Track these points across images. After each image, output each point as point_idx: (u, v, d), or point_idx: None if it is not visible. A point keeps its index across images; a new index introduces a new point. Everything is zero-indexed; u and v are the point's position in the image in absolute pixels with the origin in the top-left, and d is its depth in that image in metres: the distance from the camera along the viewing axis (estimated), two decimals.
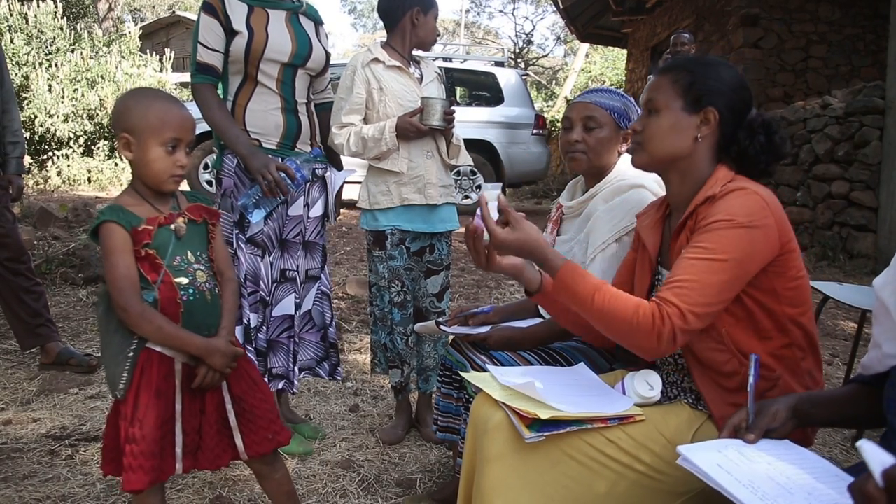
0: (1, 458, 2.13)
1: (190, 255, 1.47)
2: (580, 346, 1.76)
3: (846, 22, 8.16)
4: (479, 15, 31.03)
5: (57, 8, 10.65)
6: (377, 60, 2.33)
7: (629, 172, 1.70)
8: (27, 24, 10.20)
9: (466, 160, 2.45)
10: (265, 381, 2.07)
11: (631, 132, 1.45)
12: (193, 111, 1.68)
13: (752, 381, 1.14)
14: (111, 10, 16.28)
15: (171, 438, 1.44)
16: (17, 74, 9.50)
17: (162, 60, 11.93)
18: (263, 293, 2.19)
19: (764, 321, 1.28)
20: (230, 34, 2.10)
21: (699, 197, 1.33)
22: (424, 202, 2.34)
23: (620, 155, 1.78)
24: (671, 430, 1.29)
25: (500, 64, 8.98)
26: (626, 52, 13.68)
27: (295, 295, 2.27)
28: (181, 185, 1.49)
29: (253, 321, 2.15)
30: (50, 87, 9.71)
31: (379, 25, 31.86)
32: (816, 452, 1.14)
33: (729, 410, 1.28)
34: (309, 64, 2.23)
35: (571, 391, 1.37)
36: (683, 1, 10.01)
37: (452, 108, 2.29)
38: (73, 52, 10.43)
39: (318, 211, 2.32)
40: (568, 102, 1.87)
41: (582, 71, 21.36)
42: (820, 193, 5.91)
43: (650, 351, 1.24)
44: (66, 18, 10.98)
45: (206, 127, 2.19)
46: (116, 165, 10.10)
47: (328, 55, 2.31)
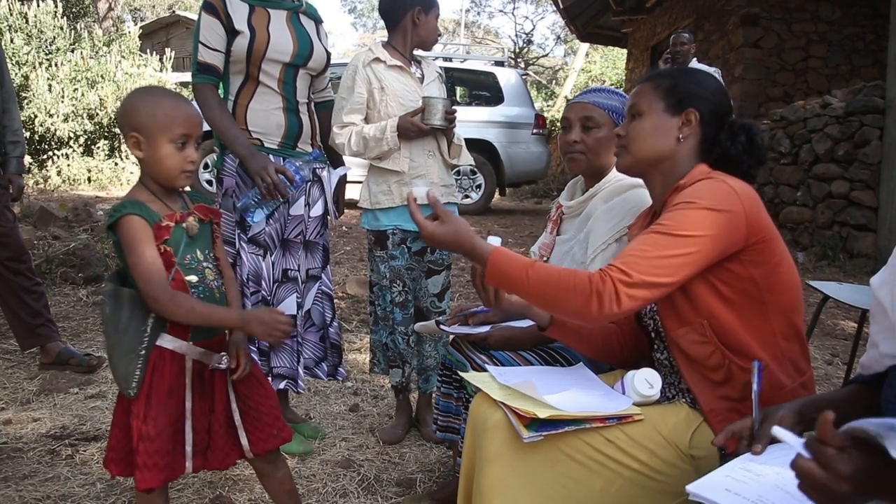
0: (1, 457, 2.13)
1: (199, 253, 1.48)
2: None
3: (846, 21, 8.17)
4: (479, 14, 31.10)
5: (57, 7, 10.65)
6: (378, 60, 2.33)
7: None
8: (27, 23, 10.20)
9: (468, 160, 2.45)
10: (268, 379, 2.08)
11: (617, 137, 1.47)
12: None
13: (755, 387, 1.13)
14: (111, 9, 16.28)
15: (181, 437, 1.44)
16: (17, 74, 9.51)
17: (162, 60, 11.93)
18: (265, 293, 2.19)
19: (745, 309, 1.28)
20: (231, 34, 2.10)
21: (671, 188, 1.34)
22: (426, 202, 2.33)
23: None
24: (669, 429, 1.30)
25: (500, 63, 8.98)
26: (626, 51, 13.68)
27: (297, 295, 2.27)
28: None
29: None
30: (50, 86, 9.71)
31: (379, 25, 31.90)
32: None
33: (719, 404, 1.28)
34: (310, 64, 2.23)
35: (570, 391, 1.37)
36: (683, 0, 10.02)
37: (454, 107, 2.29)
38: (73, 51, 10.44)
39: (318, 210, 2.32)
40: (567, 102, 1.87)
41: (582, 70, 21.37)
42: (820, 193, 5.91)
43: (593, 314, 1.20)
44: (65, 18, 10.98)
45: (206, 127, 2.18)
46: (116, 165, 10.10)
47: (329, 55, 2.31)
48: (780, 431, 0.86)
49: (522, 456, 1.27)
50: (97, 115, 9.96)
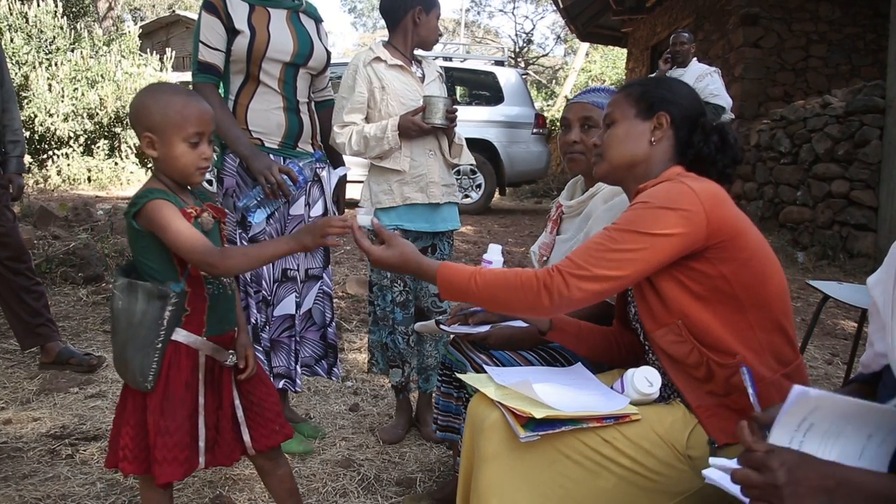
0: (1, 457, 2.13)
1: None
2: None
3: (846, 21, 8.16)
4: (479, 14, 31.10)
5: (57, 7, 10.65)
6: (379, 59, 2.33)
7: None
8: (27, 23, 10.19)
9: (469, 159, 2.45)
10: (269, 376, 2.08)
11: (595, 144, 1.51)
12: None
13: (751, 391, 1.15)
14: (111, 9, 16.28)
15: (195, 432, 1.45)
16: (17, 74, 9.50)
17: (162, 60, 11.92)
18: (265, 293, 2.19)
19: (719, 305, 1.28)
20: (232, 33, 2.10)
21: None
22: (427, 201, 2.34)
23: None
24: (666, 429, 1.29)
25: (500, 63, 8.98)
26: (626, 51, 13.68)
27: (295, 294, 2.27)
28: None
29: (258, 321, 2.15)
30: (50, 86, 9.71)
31: (379, 25, 31.89)
32: None
33: (706, 399, 1.29)
34: (310, 63, 2.23)
35: (567, 390, 1.37)
36: (683, 0, 10.02)
37: (455, 106, 2.29)
38: (72, 51, 10.43)
39: (318, 210, 2.32)
40: (567, 102, 1.88)
41: (582, 70, 21.37)
42: (820, 192, 5.91)
43: (545, 307, 1.25)
44: (65, 18, 10.97)
45: None
46: (116, 165, 10.10)
47: (329, 54, 2.31)
48: (715, 462, 0.94)
49: (520, 456, 1.27)
50: (97, 114, 9.95)
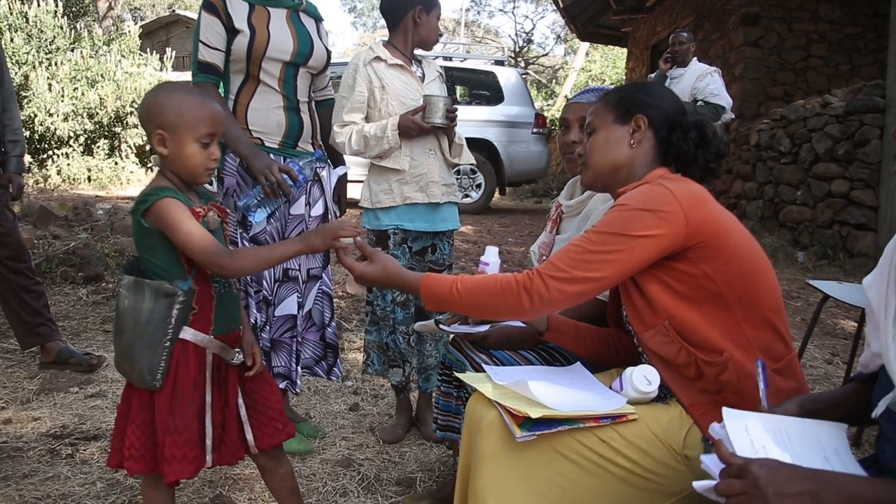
0: (1, 456, 2.13)
1: None
2: None
3: (846, 21, 8.16)
4: (479, 14, 31.09)
5: (57, 7, 10.64)
6: (379, 59, 2.33)
7: None
8: (27, 23, 10.18)
9: (469, 159, 2.45)
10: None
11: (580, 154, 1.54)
12: None
13: (762, 386, 1.15)
14: (111, 8, 16.27)
15: (202, 431, 1.45)
16: (16, 73, 9.49)
17: (162, 59, 11.91)
18: (266, 292, 2.19)
19: (704, 304, 1.29)
20: (232, 33, 2.10)
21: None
22: (427, 201, 2.34)
23: None
24: (663, 429, 1.29)
25: (500, 63, 8.98)
26: (626, 50, 13.68)
27: (297, 294, 2.27)
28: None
29: (257, 321, 2.15)
30: (50, 85, 9.70)
31: (379, 24, 31.89)
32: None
33: (698, 397, 1.30)
34: (310, 62, 2.23)
35: (565, 390, 1.37)
36: (683, 0, 10.01)
37: (455, 106, 2.29)
38: (72, 50, 10.42)
39: (319, 210, 2.32)
40: (566, 102, 1.88)
41: (582, 70, 21.36)
42: (820, 192, 5.91)
43: (526, 309, 1.28)
44: (65, 17, 10.97)
45: None
46: (116, 164, 10.10)
47: (329, 53, 2.31)
48: (700, 479, 0.96)
49: (517, 455, 1.27)
50: (97, 114, 9.94)
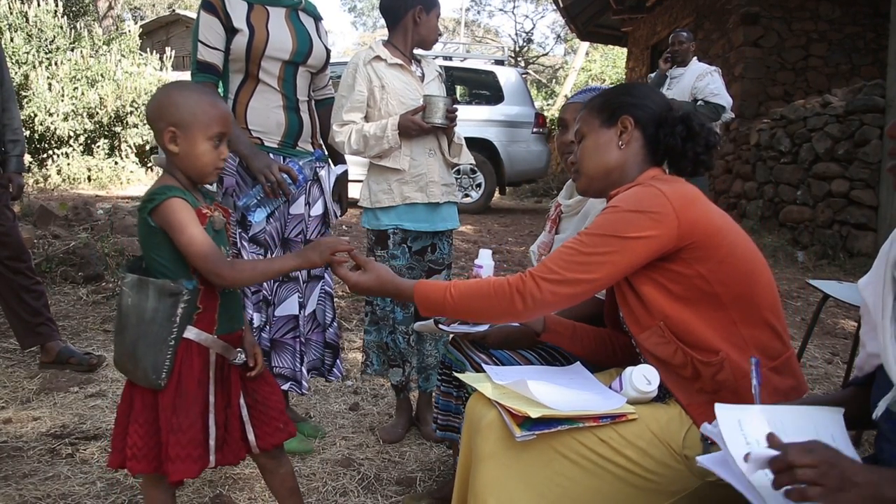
0: (1, 456, 2.13)
1: (221, 248, 1.48)
2: None
3: (846, 20, 8.16)
4: (479, 13, 31.06)
5: (57, 6, 10.65)
6: (379, 58, 2.33)
7: None
8: (27, 22, 10.19)
9: (468, 159, 2.45)
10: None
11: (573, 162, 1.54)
12: None
13: (755, 383, 1.15)
14: (111, 8, 16.25)
15: (205, 431, 1.45)
16: (16, 73, 9.50)
17: (162, 59, 11.93)
18: (266, 292, 2.19)
19: (699, 304, 1.29)
20: (231, 32, 2.10)
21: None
22: (426, 200, 2.34)
23: None
24: (662, 429, 1.29)
25: (500, 62, 8.98)
26: (626, 50, 13.67)
27: (298, 294, 2.26)
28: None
29: (256, 321, 2.15)
30: (50, 85, 9.71)
31: (379, 24, 31.87)
32: None
33: (696, 397, 1.30)
34: (309, 61, 2.23)
35: (564, 390, 1.37)
36: (683, 0, 10.01)
37: (455, 106, 2.29)
38: (72, 50, 10.43)
39: (318, 210, 2.32)
40: (565, 102, 1.88)
41: (582, 69, 21.36)
42: (820, 192, 5.91)
43: (519, 311, 1.29)
44: (65, 17, 10.98)
45: None
46: (116, 164, 10.11)
47: (328, 52, 2.31)
48: (756, 452, 0.89)
49: (516, 455, 1.27)
50: (97, 114, 9.95)
